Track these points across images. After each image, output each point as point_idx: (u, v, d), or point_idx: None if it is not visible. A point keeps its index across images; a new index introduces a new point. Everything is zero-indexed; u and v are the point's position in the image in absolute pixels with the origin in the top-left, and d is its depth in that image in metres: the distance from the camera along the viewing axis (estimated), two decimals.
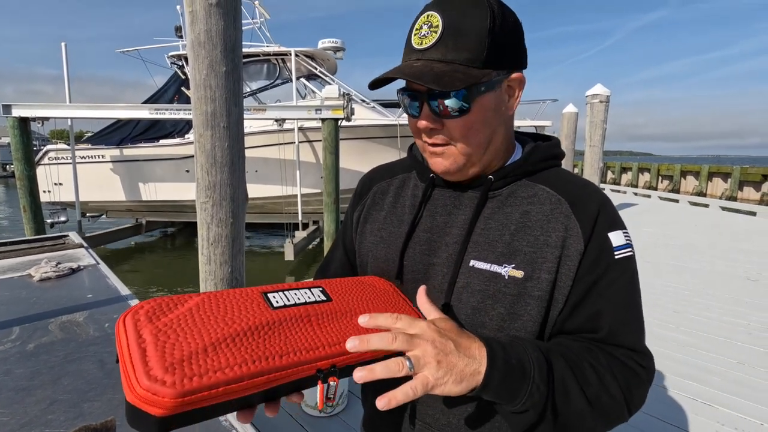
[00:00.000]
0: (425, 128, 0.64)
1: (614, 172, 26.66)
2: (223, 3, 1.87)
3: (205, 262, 2.09)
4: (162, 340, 0.45)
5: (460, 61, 0.59)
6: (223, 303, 0.53)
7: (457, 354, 0.51)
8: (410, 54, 0.62)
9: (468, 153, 0.64)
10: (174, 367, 0.43)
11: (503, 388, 0.52)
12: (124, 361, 0.44)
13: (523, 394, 0.53)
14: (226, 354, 0.46)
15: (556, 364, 0.56)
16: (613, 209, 0.66)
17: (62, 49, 7.82)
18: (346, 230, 0.87)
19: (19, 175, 6.39)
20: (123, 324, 0.48)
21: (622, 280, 0.62)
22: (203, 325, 0.49)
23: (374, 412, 0.80)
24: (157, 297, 0.52)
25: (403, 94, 0.65)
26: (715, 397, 2.40)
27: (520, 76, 0.64)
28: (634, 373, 0.59)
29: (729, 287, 4.34)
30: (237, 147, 2.05)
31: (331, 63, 10.89)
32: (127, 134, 9.67)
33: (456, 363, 0.51)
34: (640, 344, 0.62)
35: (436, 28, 0.59)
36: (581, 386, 0.56)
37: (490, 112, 0.63)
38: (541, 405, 0.54)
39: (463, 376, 0.51)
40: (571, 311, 0.62)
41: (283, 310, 0.55)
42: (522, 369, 0.53)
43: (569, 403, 0.55)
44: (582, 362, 0.58)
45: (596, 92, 7.66)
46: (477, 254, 0.65)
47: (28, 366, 1.12)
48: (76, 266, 1.99)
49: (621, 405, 0.58)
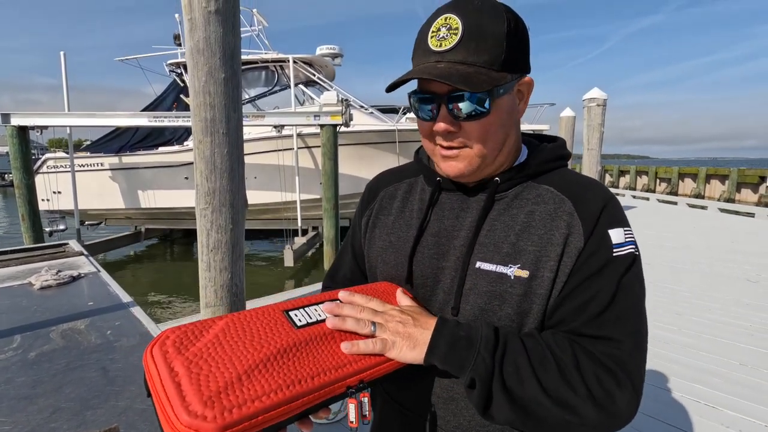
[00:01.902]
0: (443, 131, 0.63)
1: (612, 175, 26.74)
2: (222, 11, 1.88)
3: (205, 268, 2.09)
4: (195, 372, 0.45)
5: (481, 63, 0.59)
6: (248, 326, 0.54)
7: (413, 325, 0.61)
8: (427, 56, 0.62)
9: (484, 155, 0.65)
10: (212, 400, 0.42)
11: (450, 355, 0.58)
12: (159, 397, 0.43)
13: (468, 364, 0.57)
14: (261, 381, 0.46)
15: (511, 346, 0.58)
16: (618, 207, 0.65)
17: (61, 58, 7.84)
18: (355, 236, 0.87)
19: (18, 184, 6.39)
20: (151, 356, 0.47)
21: (616, 276, 0.60)
22: (233, 351, 0.49)
23: (384, 417, 0.80)
24: (180, 324, 0.52)
25: (416, 96, 0.65)
26: (718, 399, 2.39)
27: (530, 80, 0.66)
28: (608, 369, 0.56)
29: (729, 289, 4.34)
30: (236, 153, 2.05)
31: (329, 69, 10.93)
32: (126, 142, 9.68)
33: (411, 332, 0.60)
34: (620, 335, 0.58)
35: (456, 30, 0.59)
36: (536, 373, 0.56)
37: (505, 114, 0.64)
38: (488, 378, 0.56)
39: (416, 343, 0.60)
40: (560, 303, 0.61)
41: (307, 329, 0.56)
42: (469, 340, 0.58)
43: (522, 386, 0.56)
44: (544, 351, 0.58)
45: (593, 96, 7.69)
46: (483, 256, 0.65)
47: (30, 374, 1.11)
48: (77, 274, 1.99)
49: (585, 400, 0.55)
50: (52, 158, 9.73)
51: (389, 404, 0.78)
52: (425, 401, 0.71)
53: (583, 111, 7.96)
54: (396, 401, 0.76)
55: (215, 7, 1.85)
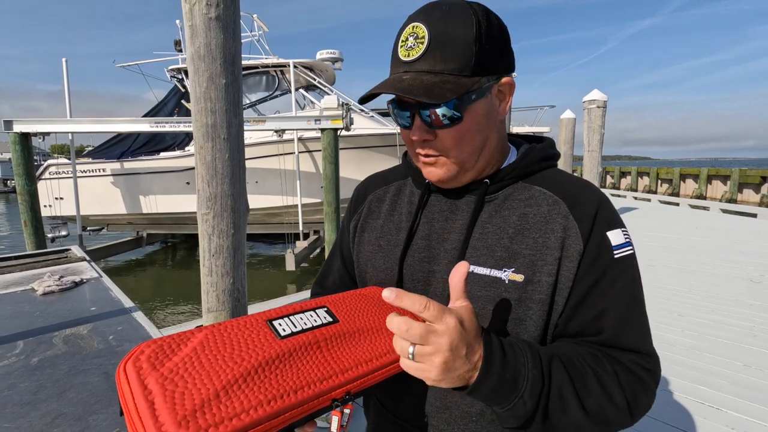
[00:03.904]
0: (418, 140, 0.63)
1: (613, 176, 26.70)
2: (223, 17, 1.89)
3: (207, 273, 2.09)
4: (170, 389, 0.42)
5: (448, 71, 0.58)
6: (228, 338, 0.50)
7: (463, 360, 0.50)
8: (398, 66, 0.62)
9: (461, 161, 0.64)
10: (187, 419, 0.40)
11: (490, 397, 0.53)
12: (131, 416, 0.41)
13: (507, 405, 0.53)
14: (240, 397, 0.43)
15: (555, 376, 0.55)
16: (612, 208, 0.65)
17: (63, 65, 7.89)
18: (344, 241, 0.86)
19: (21, 190, 6.41)
20: (124, 372, 0.44)
21: (622, 279, 0.61)
22: (211, 366, 0.45)
23: (377, 425, 0.79)
24: (158, 337, 0.48)
25: (394, 105, 0.65)
26: (722, 400, 2.38)
27: (509, 80, 0.64)
28: (640, 379, 0.59)
29: (732, 289, 4.32)
30: (237, 158, 2.06)
31: (330, 73, 10.97)
32: (128, 147, 9.72)
33: (459, 368, 0.50)
34: (645, 345, 0.61)
35: (422, 39, 0.59)
36: (580, 397, 0.55)
37: (482, 119, 0.63)
38: (526, 418, 0.54)
39: (460, 379, 0.51)
40: (573, 313, 0.61)
41: (291, 338, 0.52)
42: (514, 383, 0.53)
43: (566, 412, 0.55)
44: (586, 371, 0.57)
45: (593, 97, 7.71)
46: (476, 259, 0.65)
47: (33, 380, 1.12)
48: (79, 279, 1.99)
49: (624, 412, 0.57)
50: (55, 164, 9.77)
51: (382, 414, 0.76)
52: (419, 411, 0.70)
53: (583, 113, 7.97)
54: (389, 411, 0.75)
55: (216, 14, 1.87)
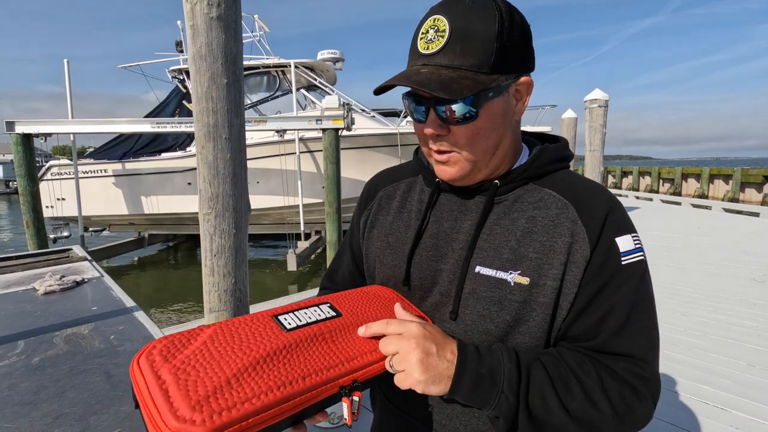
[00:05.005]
0: (431, 135, 0.63)
1: (615, 176, 26.66)
2: (224, 16, 1.89)
3: (209, 273, 2.09)
4: (183, 378, 0.44)
5: (467, 66, 0.57)
6: (236, 332, 0.53)
7: (437, 357, 0.55)
8: (416, 59, 0.61)
9: (474, 160, 0.63)
10: (201, 404, 0.42)
11: (473, 395, 0.55)
12: (146, 405, 0.42)
13: (491, 403, 0.55)
14: (251, 384, 0.45)
15: (535, 375, 0.56)
16: (623, 212, 0.63)
17: (65, 66, 7.91)
18: (353, 236, 0.86)
19: (23, 191, 6.43)
20: (138, 366, 0.46)
21: (628, 285, 0.60)
22: (221, 357, 0.48)
23: (383, 419, 0.80)
24: (168, 334, 0.51)
25: (409, 99, 0.64)
26: (726, 400, 2.37)
27: (528, 79, 0.63)
28: (631, 386, 0.57)
29: (735, 289, 4.31)
30: (239, 158, 2.05)
31: (331, 74, 10.98)
32: (129, 148, 9.74)
33: (437, 365, 0.54)
34: (642, 352, 0.59)
35: (443, 32, 0.57)
36: (562, 400, 0.55)
37: (497, 117, 0.61)
38: (512, 414, 0.55)
39: (441, 378, 0.54)
40: (576, 317, 0.61)
41: (297, 331, 0.55)
42: (491, 378, 0.55)
43: (548, 414, 0.55)
44: (568, 376, 0.57)
45: (595, 97, 7.69)
46: (482, 260, 0.64)
47: (34, 380, 1.11)
48: (81, 279, 1.99)
49: (610, 419, 0.56)
50: (56, 165, 9.80)
51: (387, 407, 0.78)
52: (422, 404, 0.71)
53: (584, 112, 7.95)
54: (393, 404, 0.76)
55: (217, 13, 1.86)
